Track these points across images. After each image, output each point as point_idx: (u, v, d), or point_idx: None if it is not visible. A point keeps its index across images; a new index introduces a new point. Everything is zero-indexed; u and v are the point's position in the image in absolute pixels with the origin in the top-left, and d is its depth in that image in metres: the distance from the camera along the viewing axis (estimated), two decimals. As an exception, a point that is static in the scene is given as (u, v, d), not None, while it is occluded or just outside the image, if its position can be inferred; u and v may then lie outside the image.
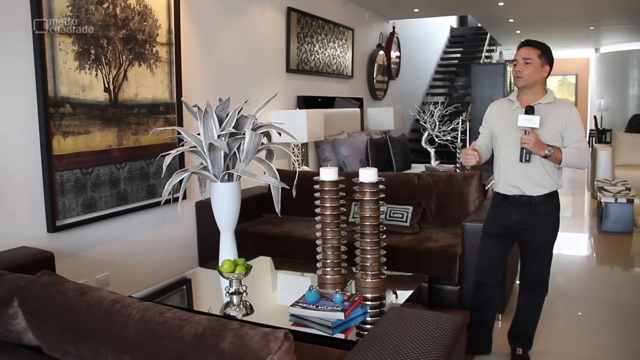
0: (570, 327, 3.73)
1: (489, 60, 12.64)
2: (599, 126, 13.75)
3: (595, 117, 14.24)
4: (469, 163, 2.96)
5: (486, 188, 5.16)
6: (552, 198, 2.95)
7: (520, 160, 2.84)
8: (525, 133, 2.79)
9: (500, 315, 3.68)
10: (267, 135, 3.21)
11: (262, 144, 3.03)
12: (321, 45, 6.60)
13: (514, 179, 2.93)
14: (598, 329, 3.72)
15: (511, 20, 9.97)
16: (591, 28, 11.54)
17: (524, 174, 2.90)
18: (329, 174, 2.88)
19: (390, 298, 2.94)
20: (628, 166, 8.21)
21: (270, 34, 5.58)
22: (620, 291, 4.48)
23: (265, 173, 2.99)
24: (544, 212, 2.94)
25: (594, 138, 12.92)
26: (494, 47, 13.63)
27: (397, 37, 9.20)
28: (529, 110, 2.81)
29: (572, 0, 8.31)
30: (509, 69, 9.31)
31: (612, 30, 12.25)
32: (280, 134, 3.15)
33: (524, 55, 2.86)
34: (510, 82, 10.74)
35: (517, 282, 4.09)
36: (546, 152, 2.78)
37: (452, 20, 13.83)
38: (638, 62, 14.32)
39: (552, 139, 2.83)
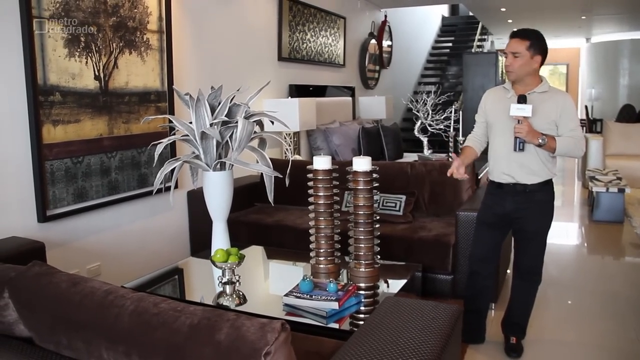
0: (561, 316, 3.75)
1: (480, 49, 12.61)
2: (590, 116, 13.79)
3: (586, 107, 14.28)
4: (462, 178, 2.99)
5: (479, 177, 5.16)
6: (547, 186, 2.95)
7: (514, 150, 2.84)
8: (519, 122, 2.79)
9: (493, 305, 3.69)
10: (260, 123, 3.18)
11: (255, 132, 3.01)
12: (313, 33, 6.56)
13: (508, 167, 2.93)
14: (589, 317, 3.73)
15: (503, 10, 9.95)
16: (583, 17, 11.55)
17: (518, 163, 2.89)
18: (322, 162, 2.85)
19: (383, 287, 2.93)
20: (619, 156, 8.25)
21: (262, 22, 5.53)
22: (611, 280, 4.50)
23: (258, 162, 2.97)
24: (538, 201, 2.94)
25: (585, 128, 12.95)
26: (486, 37, 13.61)
27: (389, 26, 9.16)
28: (522, 100, 2.80)
29: (565, -11, 8.31)
30: (501, 58, 9.31)
31: (604, 19, 12.26)
32: (272, 122, 3.12)
33: (512, 49, 2.83)
34: (502, 71, 10.74)
35: (509, 271, 4.13)
36: (540, 141, 2.77)
37: (443, 9, 13.79)
38: (629, 52, 14.37)
39: (546, 128, 2.83)
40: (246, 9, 5.21)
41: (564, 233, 6.26)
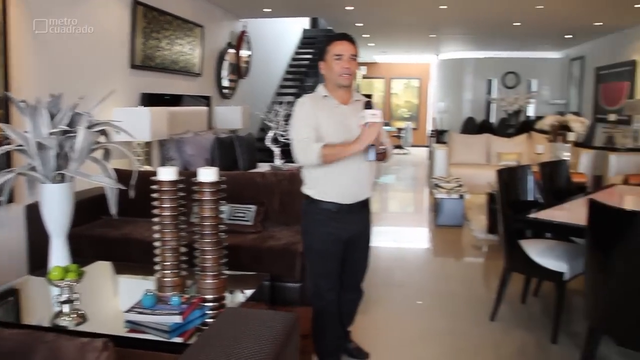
0: (406, 316, 3.98)
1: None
2: (438, 127, 14.77)
3: (434, 119, 15.27)
4: None
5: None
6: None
7: (371, 159, 2.66)
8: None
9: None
10: (105, 133, 3.07)
11: (98, 142, 2.90)
12: (168, 41, 6.43)
13: (357, 184, 2.78)
14: (434, 316, 4.00)
15: (359, 25, 10.37)
16: (431, 36, 12.34)
17: (366, 177, 2.80)
18: (167, 173, 2.81)
19: (231, 298, 2.94)
20: (461, 164, 8.91)
21: (114, 27, 5.34)
22: (452, 280, 4.86)
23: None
24: (370, 211, 2.97)
25: (434, 139, 13.84)
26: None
27: (248, 36, 9.21)
28: (369, 105, 2.66)
29: (415, 9, 8.82)
30: (358, 70, 9.65)
31: (451, 39, 13.20)
32: (118, 132, 3.03)
33: (351, 51, 2.72)
34: (358, 83, 11.15)
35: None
36: (382, 147, 2.71)
37: (305, 22, 14.08)
38: (472, 69, 15.61)
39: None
40: (96, 12, 5.00)
41: (413, 237, 6.66)
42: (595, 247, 2.87)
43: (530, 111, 14.22)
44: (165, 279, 2.87)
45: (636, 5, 7.93)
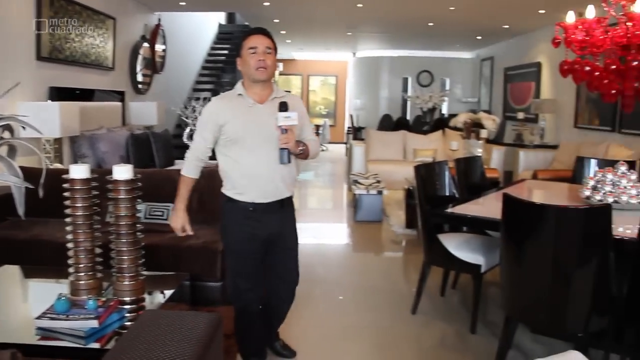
0: (329, 312, 3.99)
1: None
2: (355, 124, 14.97)
3: (352, 116, 15.47)
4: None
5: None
6: (292, 194, 2.89)
7: (282, 162, 2.64)
8: (283, 132, 2.60)
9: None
10: (9, 129, 2.88)
11: (2, 138, 2.71)
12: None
13: (272, 184, 2.72)
14: (356, 311, 4.03)
15: (276, 21, 10.33)
16: (349, 34, 12.47)
17: (281, 177, 2.72)
18: (79, 171, 2.67)
19: (151, 299, 2.84)
20: (379, 161, 9.06)
21: (16, 16, 5.03)
22: (373, 275, 4.92)
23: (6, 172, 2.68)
24: (292, 211, 2.92)
25: (351, 135, 14.02)
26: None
27: (163, 30, 8.97)
28: (284, 107, 2.61)
29: (332, 6, 8.88)
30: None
31: (367, 37, 13.40)
32: (24, 127, 2.85)
33: (266, 44, 2.64)
34: (275, 80, 11.08)
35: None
36: (301, 148, 2.69)
37: (220, 17, 13.87)
38: (388, 67, 15.93)
39: (298, 134, 2.73)
40: (-4, 0, 4.71)
41: (333, 234, 6.70)
42: (510, 240, 2.97)
43: (444, 109, 14.69)
44: (79, 282, 2.73)
45: (540, 11, 8.35)
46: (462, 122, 9.54)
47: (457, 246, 3.69)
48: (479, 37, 12.16)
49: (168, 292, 2.89)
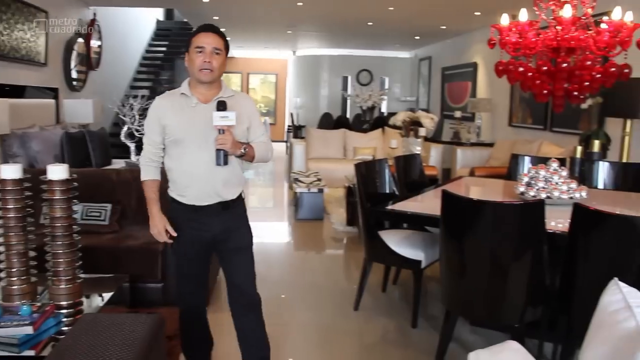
0: (271, 310, 3.96)
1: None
2: (295, 123, 14.98)
3: (292, 114, 15.48)
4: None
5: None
6: (241, 197, 2.77)
7: (218, 164, 2.52)
8: (220, 132, 2.49)
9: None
10: None
11: None
12: (7, 25, 5.90)
13: (211, 186, 2.60)
14: (298, 309, 4.04)
15: (216, 18, 10.21)
16: (289, 32, 12.46)
17: (222, 178, 2.60)
18: (10, 171, 2.56)
19: (89, 303, 2.77)
20: (319, 159, 9.10)
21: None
22: (315, 273, 4.94)
23: None
24: (241, 213, 2.78)
25: (291, 134, 14.02)
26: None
27: (99, 25, 8.72)
28: (222, 106, 2.50)
29: (272, 4, 8.84)
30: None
31: (307, 35, 13.41)
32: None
33: (214, 44, 2.53)
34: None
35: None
36: (242, 150, 2.56)
37: (158, 13, 13.61)
38: (328, 66, 16.00)
39: (242, 135, 2.62)
40: None
41: (275, 232, 6.68)
42: (448, 235, 3.04)
43: (384, 107, 14.88)
44: (12, 287, 2.63)
45: (476, 13, 8.58)
46: (401, 120, 9.66)
47: (398, 242, 3.75)
48: (418, 37, 12.38)
49: (107, 295, 2.82)
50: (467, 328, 3.61)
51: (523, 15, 3.44)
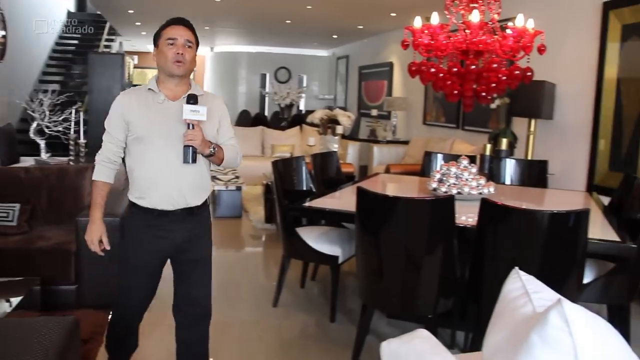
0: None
1: (108, 49, 12.34)
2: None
3: (210, 111, 15.27)
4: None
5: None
6: (206, 203, 2.63)
7: (186, 161, 2.37)
8: (189, 127, 2.35)
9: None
10: None
11: None
12: None
13: (177, 188, 2.43)
14: (218, 308, 3.95)
15: (131, 12, 9.94)
16: (206, 28, 12.30)
17: (189, 181, 2.45)
18: None
19: (-4, 307, 2.65)
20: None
21: None
22: (234, 270, 4.93)
23: None
24: (206, 221, 2.63)
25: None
26: (114, 37, 13.39)
27: (3, 14, 8.27)
28: (192, 99, 2.37)
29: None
30: (129, 60, 9.24)
31: (225, 32, 13.29)
32: None
33: (186, 36, 2.43)
34: (129, 73, 10.67)
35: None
36: (211, 149, 2.41)
37: (69, 4, 13.07)
38: (246, 63, 15.93)
39: (212, 137, 2.47)
40: None
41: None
42: (364, 231, 3.13)
43: (302, 105, 14.98)
44: None
45: (392, 14, 8.80)
46: (319, 118, 9.78)
47: (316, 239, 3.81)
48: (335, 36, 12.54)
49: (15, 300, 2.71)
50: (384, 321, 3.72)
51: (435, 19, 3.58)
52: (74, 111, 5.68)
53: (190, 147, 2.35)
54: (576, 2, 5.60)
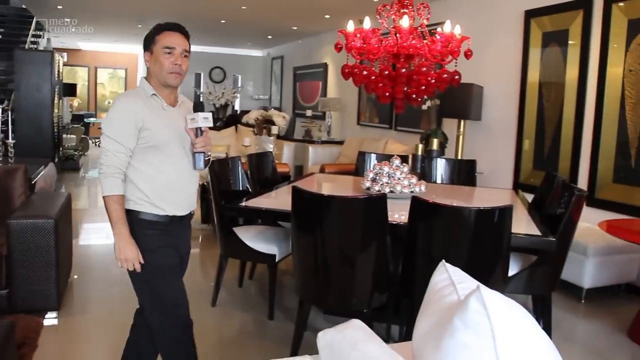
0: (129, 312, 3.89)
1: (35, 46, 11.91)
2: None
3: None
4: None
5: (33, 182, 4.90)
6: None
7: (198, 167, 2.39)
8: (199, 134, 2.36)
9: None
10: None
11: None
12: None
13: (190, 194, 2.45)
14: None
15: (60, 7, 9.64)
16: (139, 26, 12.08)
17: (196, 186, 2.49)
18: None
19: None
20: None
21: None
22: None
23: None
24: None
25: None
26: (42, 33, 12.93)
27: None
28: (199, 107, 2.41)
29: (120, -4, 8.56)
30: (59, 57, 8.95)
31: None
32: None
33: (183, 45, 2.37)
34: (59, 71, 10.35)
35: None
36: (210, 153, 2.47)
37: (-10, -2, 12.54)
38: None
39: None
40: None
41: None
42: (299, 229, 3.20)
43: (237, 105, 14.93)
44: None
45: (326, 16, 8.92)
46: (254, 118, 9.78)
47: (253, 238, 3.86)
48: (270, 37, 12.57)
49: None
50: (321, 317, 3.81)
51: (367, 23, 3.69)
52: (1, 110, 5.50)
53: (203, 153, 2.37)
54: (502, 9, 5.87)
